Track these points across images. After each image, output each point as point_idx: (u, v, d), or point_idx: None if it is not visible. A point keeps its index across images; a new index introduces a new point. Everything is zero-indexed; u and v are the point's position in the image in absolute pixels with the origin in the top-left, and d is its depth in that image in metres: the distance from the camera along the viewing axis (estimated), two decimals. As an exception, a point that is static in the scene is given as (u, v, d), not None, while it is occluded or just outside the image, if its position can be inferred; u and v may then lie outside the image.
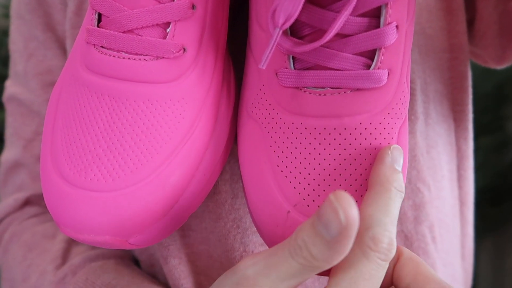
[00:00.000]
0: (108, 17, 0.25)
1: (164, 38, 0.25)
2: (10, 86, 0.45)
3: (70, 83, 0.27)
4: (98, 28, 0.25)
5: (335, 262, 0.21)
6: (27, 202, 0.43)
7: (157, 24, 0.25)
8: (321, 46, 0.24)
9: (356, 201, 0.24)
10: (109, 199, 0.23)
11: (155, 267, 0.37)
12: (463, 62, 0.38)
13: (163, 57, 0.25)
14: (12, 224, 0.42)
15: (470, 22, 0.39)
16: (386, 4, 0.23)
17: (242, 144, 0.29)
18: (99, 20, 0.26)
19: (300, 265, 0.21)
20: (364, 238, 0.22)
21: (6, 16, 0.73)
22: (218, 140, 0.28)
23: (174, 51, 0.25)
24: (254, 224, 0.28)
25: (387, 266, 0.22)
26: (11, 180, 0.44)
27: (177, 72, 0.25)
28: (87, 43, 0.26)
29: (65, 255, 0.37)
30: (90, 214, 0.23)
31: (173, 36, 0.25)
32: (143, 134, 0.24)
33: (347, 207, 0.20)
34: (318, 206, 0.25)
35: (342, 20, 0.22)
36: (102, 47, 0.25)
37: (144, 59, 0.25)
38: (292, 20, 0.22)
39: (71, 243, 0.38)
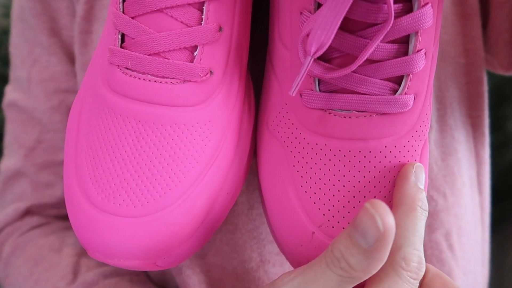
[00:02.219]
0: (133, 38, 0.25)
1: (191, 61, 0.25)
2: (10, 92, 0.44)
3: (92, 104, 0.26)
4: (122, 49, 0.25)
5: (373, 271, 0.22)
6: (27, 212, 0.42)
7: (185, 48, 0.24)
8: (349, 71, 0.24)
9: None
10: (139, 225, 0.23)
11: (166, 275, 0.38)
12: (479, 67, 0.39)
13: (190, 81, 0.25)
14: (12, 235, 0.41)
15: (483, 27, 0.40)
16: (417, 32, 0.23)
17: (263, 161, 0.29)
18: (122, 40, 0.26)
19: (338, 276, 0.22)
20: (396, 258, 0.23)
21: (6, 15, 0.71)
22: (240, 158, 0.28)
23: (202, 75, 0.25)
24: (276, 242, 0.29)
25: (417, 284, 0.23)
26: (11, 189, 0.43)
27: (204, 95, 0.25)
28: (110, 63, 0.25)
29: (76, 270, 0.36)
30: (120, 239, 0.23)
31: (200, 60, 0.24)
32: (170, 159, 0.24)
33: (384, 214, 0.20)
34: (343, 228, 0.25)
35: (373, 46, 0.22)
36: (126, 68, 0.25)
37: (171, 82, 0.24)
38: (324, 49, 0.22)
39: (80, 256, 0.37)
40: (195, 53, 0.25)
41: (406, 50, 0.24)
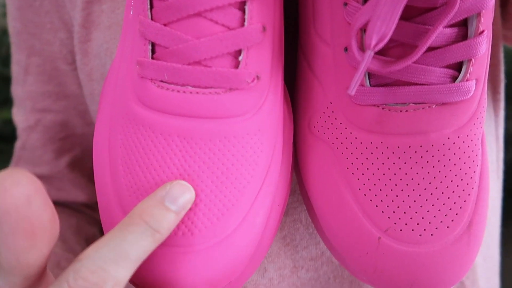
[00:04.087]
0: (167, 48, 0.22)
1: (236, 67, 0.22)
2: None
3: (123, 123, 0.24)
4: (155, 61, 0.22)
5: None
6: None
7: (228, 53, 0.22)
8: (405, 61, 0.22)
9: (452, 220, 0.23)
10: (198, 254, 0.21)
11: None
12: (499, 49, 0.38)
13: (237, 89, 0.22)
14: None
15: (504, 4, 0.39)
16: (479, 13, 0.21)
17: (308, 165, 0.27)
18: (153, 51, 0.23)
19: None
20: (68, 269, 0.20)
21: (6, 15, 0.69)
22: (287, 166, 0.26)
23: (249, 81, 0.22)
24: (333, 252, 0.27)
25: None
26: None
27: (252, 103, 0.23)
28: (142, 77, 0.23)
29: None
30: (179, 273, 0.21)
31: (246, 64, 0.22)
32: (223, 176, 0.22)
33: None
34: (413, 230, 0.23)
35: (436, 32, 0.20)
36: (162, 81, 0.23)
37: (216, 92, 0.22)
38: (385, 41, 0.20)
39: None
40: (239, 58, 0.22)
41: (465, 33, 0.22)
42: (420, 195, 0.24)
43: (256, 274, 0.34)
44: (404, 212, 0.24)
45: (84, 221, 0.43)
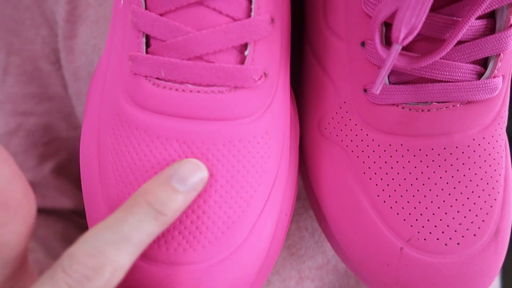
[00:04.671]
0: (164, 41, 0.20)
1: (242, 63, 0.20)
2: None
3: (114, 126, 0.21)
4: (151, 56, 0.20)
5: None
6: None
7: (233, 47, 0.20)
8: (430, 56, 0.20)
9: (479, 228, 0.22)
10: (202, 272, 0.19)
11: None
12: None
13: (243, 87, 0.20)
14: None
15: None
16: (511, 3, 0.20)
17: (319, 170, 0.25)
18: (147, 44, 0.21)
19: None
20: (65, 253, 0.18)
21: None
22: (293, 172, 0.24)
23: (256, 78, 0.20)
24: (349, 265, 0.25)
25: None
26: None
27: (259, 102, 0.20)
28: (135, 74, 0.20)
29: None
30: None
31: (252, 60, 0.20)
32: (228, 185, 0.20)
33: None
34: (438, 239, 0.22)
35: (468, 24, 0.19)
36: (158, 79, 0.20)
37: (219, 91, 0.20)
38: (415, 34, 0.18)
39: None
40: (245, 53, 0.20)
41: (493, 26, 0.20)
42: (444, 201, 0.22)
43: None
44: (428, 220, 0.22)
45: (71, 228, 0.40)
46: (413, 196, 0.22)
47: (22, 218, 0.18)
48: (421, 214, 0.22)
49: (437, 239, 0.22)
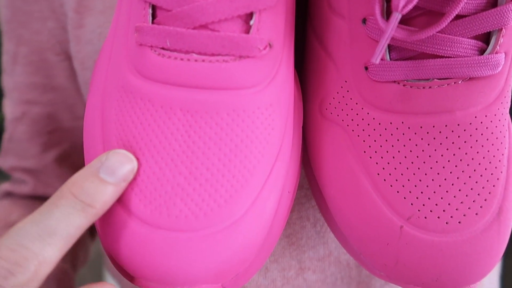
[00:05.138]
0: (169, 10, 0.20)
1: (247, 32, 0.20)
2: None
3: (118, 97, 0.21)
4: (156, 26, 0.20)
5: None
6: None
7: (238, 16, 0.20)
8: (431, 30, 0.20)
9: (481, 207, 0.21)
10: (203, 240, 0.19)
11: None
12: None
13: (248, 56, 0.20)
14: None
15: None
16: (512, -23, 0.20)
17: (320, 153, 0.24)
18: (153, 15, 0.21)
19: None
20: None
21: None
22: (297, 149, 0.24)
23: (261, 48, 0.20)
24: (347, 246, 0.24)
25: None
26: None
27: (264, 73, 0.21)
28: (140, 45, 0.21)
29: None
30: (181, 261, 0.18)
31: (257, 30, 0.20)
32: (232, 154, 0.20)
33: None
34: (438, 217, 0.21)
35: (466, -2, 0.19)
36: (163, 48, 0.20)
37: (224, 60, 0.20)
38: (415, 2, 0.18)
39: None
40: (251, 22, 0.20)
41: (495, 0, 0.20)
42: (445, 179, 0.21)
43: (258, 274, 0.31)
44: (429, 198, 0.21)
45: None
46: (414, 174, 0.22)
47: None
48: (422, 192, 0.21)
49: (438, 217, 0.21)
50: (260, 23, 0.20)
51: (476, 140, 0.22)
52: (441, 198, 0.21)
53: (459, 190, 0.21)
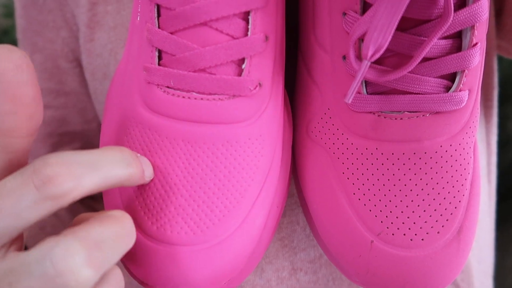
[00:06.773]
0: (173, 55, 0.23)
1: (239, 75, 0.23)
2: None
3: (129, 126, 0.25)
4: (162, 68, 0.23)
5: None
6: None
7: (232, 61, 0.23)
8: (401, 71, 0.23)
9: (443, 226, 0.24)
10: (200, 253, 0.22)
11: None
12: (492, 57, 0.38)
13: (240, 95, 0.23)
14: None
15: (498, 14, 0.39)
16: (473, 26, 0.22)
17: (306, 169, 0.27)
18: (159, 57, 0.24)
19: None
20: (36, 160, 0.20)
21: (6, 15, 0.70)
22: (286, 169, 0.27)
23: (251, 88, 0.23)
24: (328, 254, 0.28)
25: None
26: None
27: (254, 109, 0.24)
28: (148, 82, 0.24)
29: None
30: (182, 270, 0.22)
31: (249, 72, 0.23)
32: (226, 179, 0.23)
33: None
34: (404, 234, 0.24)
35: (431, 44, 0.21)
36: (168, 87, 0.23)
37: (219, 98, 0.23)
38: (381, 52, 0.21)
39: None
40: (243, 66, 0.23)
41: (459, 45, 0.23)
42: (412, 200, 0.24)
43: (254, 274, 0.34)
44: (397, 217, 0.24)
45: (82, 208, 0.44)
46: (385, 195, 0.25)
47: (29, 115, 0.19)
48: (391, 212, 0.24)
49: (404, 234, 0.24)
50: (251, 66, 0.23)
51: (441, 167, 0.24)
52: (408, 217, 0.24)
53: (424, 211, 0.24)
